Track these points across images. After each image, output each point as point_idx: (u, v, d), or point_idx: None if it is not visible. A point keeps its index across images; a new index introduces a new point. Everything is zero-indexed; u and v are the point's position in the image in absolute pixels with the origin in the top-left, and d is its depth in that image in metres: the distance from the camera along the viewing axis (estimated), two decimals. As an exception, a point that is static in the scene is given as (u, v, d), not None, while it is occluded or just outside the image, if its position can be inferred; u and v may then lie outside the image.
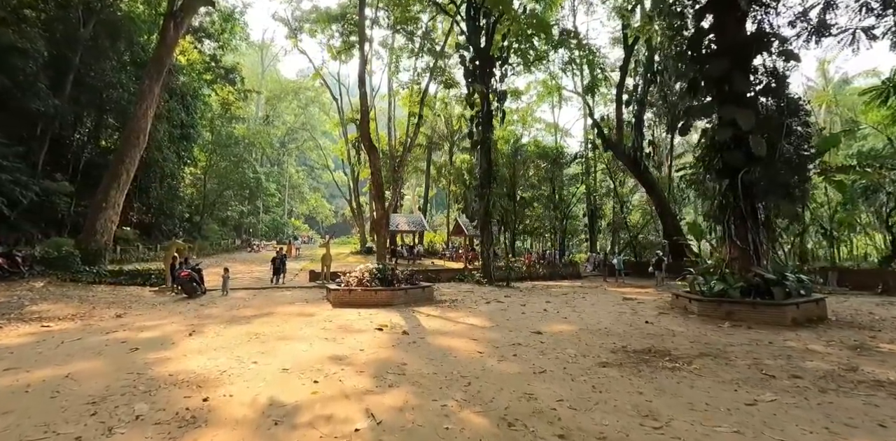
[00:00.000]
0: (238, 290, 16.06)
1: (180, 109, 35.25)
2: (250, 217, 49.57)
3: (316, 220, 70.42)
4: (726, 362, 6.88)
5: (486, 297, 15.47)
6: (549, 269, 25.67)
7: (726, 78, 13.51)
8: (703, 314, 11.91)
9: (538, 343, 8.15)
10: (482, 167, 21.36)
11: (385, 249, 14.73)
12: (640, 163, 26.79)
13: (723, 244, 13.45)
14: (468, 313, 11.50)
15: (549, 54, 27.57)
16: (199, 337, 8.34)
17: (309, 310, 11.75)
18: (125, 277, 17.76)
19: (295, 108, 57.59)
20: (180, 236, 17.12)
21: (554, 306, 13.22)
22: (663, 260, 24.30)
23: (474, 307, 12.66)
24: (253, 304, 12.82)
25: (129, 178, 19.75)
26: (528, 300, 14.58)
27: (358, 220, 40.19)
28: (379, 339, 8.19)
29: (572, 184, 34.32)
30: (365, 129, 14.89)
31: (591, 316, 11.55)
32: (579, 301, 14.66)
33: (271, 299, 14.01)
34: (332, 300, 12.53)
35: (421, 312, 11.51)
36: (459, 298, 14.69)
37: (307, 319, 10.29)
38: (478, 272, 21.05)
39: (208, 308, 12.26)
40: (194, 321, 10.11)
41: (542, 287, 20.33)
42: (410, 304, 12.77)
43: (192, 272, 14.37)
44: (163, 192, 36.46)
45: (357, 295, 12.45)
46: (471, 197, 27.28)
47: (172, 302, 13.55)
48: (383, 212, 14.48)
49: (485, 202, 20.87)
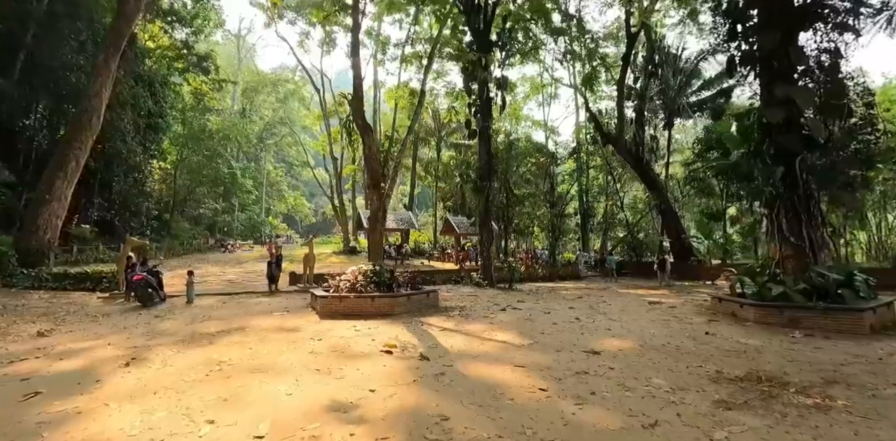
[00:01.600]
0: (206, 297, 13.46)
1: (147, 97, 32.01)
2: (225, 215, 46.21)
3: (295, 220, 67.07)
4: (870, 392, 5.01)
5: (495, 302, 13.27)
6: (547, 269, 23.65)
7: (777, 52, 11.66)
8: (762, 321, 10.02)
9: (606, 369, 5.99)
10: (482, 159, 19.18)
11: (380, 248, 12.33)
12: (642, 158, 25.05)
13: (773, 241, 11.56)
14: (489, 325, 9.26)
15: (545, 43, 25.61)
16: (139, 369, 5.88)
17: (291, 322, 9.31)
18: (71, 282, 14.94)
19: (273, 103, 54.34)
20: (137, 233, 14.27)
21: (582, 313, 11.09)
22: (666, 259, 22.58)
23: (491, 316, 10.43)
24: (221, 315, 10.30)
25: (78, 166, 16.87)
26: (547, 306, 12.42)
27: (341, 218, 37.50)
28: (391, 369, 5.88)
29: (565, 181, 32.46)
30: (358, 106, 12.49)
31: (634, 325, 9.48)
32: (605, 306, 12.59)
33: (245, 308, 11.50)
34: (320, 309, 10.12)
35: (431, 324, 9.21)
36: (467, 305, 12.45)
37: (289, 337, 7.87)
38: (476, 273, 18.84)
39: (164, 320, 9.71)
40: (140, 341, 7.59)
41: (547, 289, 18.26)
42: (414, 314, 10.46)
43: (147, 275, 11.74)
44: (127, 186, 33.13)
45: (350, 303, 10.08)
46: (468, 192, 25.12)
47: (121, 312, 10.92)
48: (379, 203, 12.11)
49: (485, 197, 18.69)
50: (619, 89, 25.28)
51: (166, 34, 37.13)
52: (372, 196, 12.07)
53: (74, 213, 28.79)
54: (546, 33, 24.77)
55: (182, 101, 39.45)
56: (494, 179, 18.74)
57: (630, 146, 25.21)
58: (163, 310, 11.22)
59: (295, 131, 51.37)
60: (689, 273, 24.01)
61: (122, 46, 18.43)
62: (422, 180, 40.97)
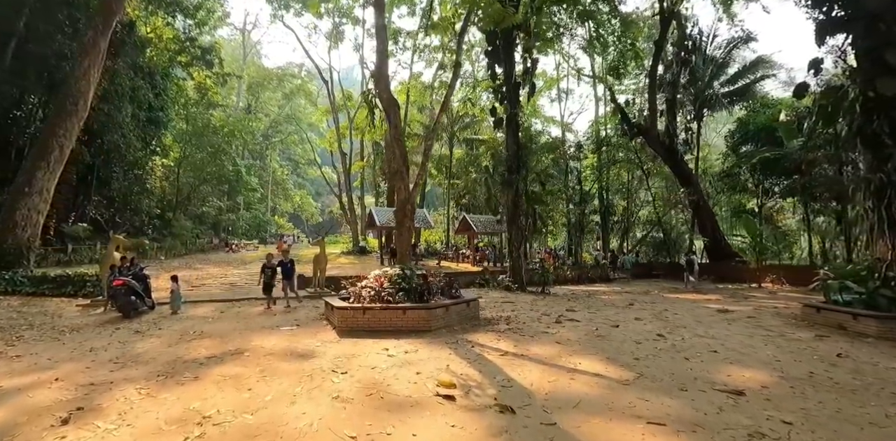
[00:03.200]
0: (202, 305, 11.37)
1: (147, 88, 30.00)
2: (229, 214, 44.12)
3: (300, 219, 64.97)
4: None
5: (541, 310, 11.14)
6: (575, 271, 21.50)
7: (885, 14, 9.51)
8: (888, 337, 7.90)
9: (780, 424, 3.89)
10: (510, 149, 17.05)
11: (409, 248, 10.15)
12: (676, 151, 22.87)
13: (883, 239, 9.39)
14: (556, 345, 7.13)
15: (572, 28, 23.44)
16: (79, 431, 3.78)
17: (303, 342, 7.19)
18: (50, 286, 12.90)
19: (279, 99, 52.22)
20: (123, 230, 12.26)
21: (657, 327, 8.97)
22: (693, 260, 20.51)
23: (550, 332, 8.29)
24: (216, 330, 8.20)
25: (63, 155, 14.82)
26: (606, 316, 10.27)
27: (350, 216, 35.38)
28: (466, 434, 3.75)
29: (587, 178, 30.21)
30: (382, 78, 10.32)
31: (735, 344, 7.42)
32: (675, 317, 10.44)
33: (245, 320, 9.39)
34: (339, 324, 7.99)
35: (483, 345, 7.08)
36: (510, 314, 10.32)
37: (302, 368, 5.75)
38: (504, 276, 16.71)
39: (144, 338, 7.61)
40: (102, 374, 5.51)
41: (584, 294, 16.13)
42: (455, 329, 8.34)
43: (129, 281, 9.65)
44: (127, 183, 31.13)
45: (376, 316, 7.95)
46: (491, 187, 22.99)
47: (96, 326, 8.83)
48: (408, 194, 9.92)
49: (513, 191, 16.55)
50: (651, 77, 23.10)
51: (168, 26, 35.16)
52: (398, 185, 9.89)
53: (71, 210, 26.89)
54: (572, 18, 22.64)
55: (185, 96, 37.41)
56: (524, 171, 16.56)
57: (662, 138, 23.03)
58: (147, 322, 9.13)
59: (301, 128, 49.25)
60: (731, 275, 21.82)
61: (113, 25, 16.42)
62: (432, 178, 38.78)
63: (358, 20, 38.50)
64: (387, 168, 32.00)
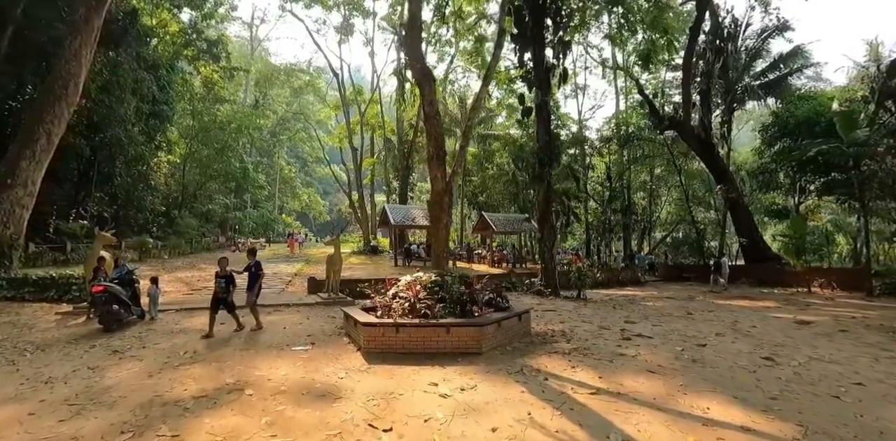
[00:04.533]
0: (200, 313, 9.69)
1: (151, 81, 28.42)
2: (236, 212, 42.56)
3: (308, 218, 63.35)
4: None
5: (591, 321, 9.41)
6: (605, 273, 19.73)
7: None
8: None
9: None
10: (540, 140, 15.30)
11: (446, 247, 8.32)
12: (712, 145, 21.04)
13: None
14: (659, 379, 5.37)
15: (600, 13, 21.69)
16: None
17: (322, 373, 5.46)
18: (31, 289, 11.30)
19: (287, 96, 50.61)
20: (110, 228, 10.53)
21: (750, 345, 7.25)
22: (723, 262, 18.84)
23: (628, 354, 6.54)
24: (210, 351, 6.50)
25: (50, 144, 13.21)
26: (675, 330, 8.50)
27: (360, 214, 33.71)
28: None
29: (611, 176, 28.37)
30: (415, 44, 8.56)
31: (875, 372, 5.66)
32: (756, 331, 8.66)
33: (246, 336, 7.70)
34: (365, 344, 6.28)
35: (561, 379, 5.33)
36: (563, 328, 8.58)
37: (326, 419, 4.03)
38: (536, 279, 14.97)
39: (121, 362, 5.93)
40: (46, 425, 3.84)
41: (623, 299, 14.39)
42: (508, 349, 6.62)
43: (111, 286, 7.98)
44: (130, 179, 29.58)
45: (412, 335, 6.23)
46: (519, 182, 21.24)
47: (68, 342, 7.16)
48: (444, 184, 8.13)
49: (545, 186, 14.79)
50: (686, 66, 21.25)
51: (174, 18, 33.65)
52: (434, 174, 8.09)
53: (72, 207, 25.39)
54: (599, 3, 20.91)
55: (191, 90, 35.87)
56: (556, 165, 14.80)
57: (697, 131, 21.20)
58: (130, 337, 7.45)
59: (310, 124, 47.63)
60: (771, 278, 19.96)
61: (108, 1, 14.80)
62: (445, 175, 37.03)
63: (368, 13, 36.95)
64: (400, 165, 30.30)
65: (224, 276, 7.89)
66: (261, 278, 8.51)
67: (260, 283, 8.52)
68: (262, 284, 8.55)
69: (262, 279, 8.58)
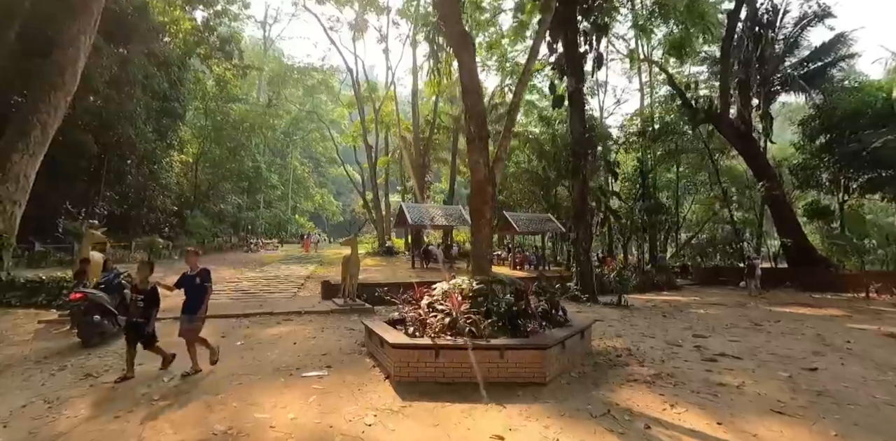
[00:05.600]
0: (199, 321, 8.39)
1: (161, 77, 27.47)
2: (249, 212, 41.60)
3: (321, 218, 62.27)
4: None
5: (652, 334, 7.91)
6: (640, 276, 18.12)
7: None
8: None
9: None
10: (574, 131, 13.83)
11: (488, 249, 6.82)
12: (753, 139, 19.35)
13: None
14: (794, 423, 3.90)
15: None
16: None
17: (342, 414, 4.07)
18: (18, 293, 10.14)
19: (300, 96, 49.62)
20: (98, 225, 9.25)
21: (871, 370, 5.70)
22: (756, 264, 17.28)
23: (733, 384, 5.05)
24: (201, 380, 5.15)
25: (45, 136, 12.09)
26: (764, 347, 6.94)
27: (376, 214, 32.41)
28: None
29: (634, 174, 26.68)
30: (451, 2, 7.15)
31: None
32: (855, 347, 7.10)
33: (254, 353, 6.35)
34: (397, 372, 4.86)
35: (667, 426, 3.88)
36: (626, 344, 7.11)
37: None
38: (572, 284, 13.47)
39: (87, 394, 4.60)
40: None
41: (667, 305, 12.84)
42: (573, 376, 5.18)
43: (92, 293, 6.70)
44: (141, 178, 28.70)
45: (457, 360, 4.80)
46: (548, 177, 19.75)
47: (37, 361, 5.88)
48: (487, 171, 6.61)
49: (581, 180, 13.32)
50: (724, 53, 19.58)
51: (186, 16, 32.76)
52: (476, 157, 6.47)
53: (82, 206, 24.51)
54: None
55: (203, 89, 34.97)
56: (592, 157, 13.33)
57: (737, 124, 19.52)
58: (111, 354, 6.14)
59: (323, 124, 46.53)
60: (819, 283, 18.17)
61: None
62: (460, 174, 35.55)
63: (382, 9, 35.79)
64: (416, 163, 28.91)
65: (142, 292, 5.18)
66: (208, 295, 5.40)
67: (206, 305, 5.39)
68: (210, 301, 5.46)
69: (209, 295, 5.43)
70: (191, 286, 5.33)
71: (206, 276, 5.44)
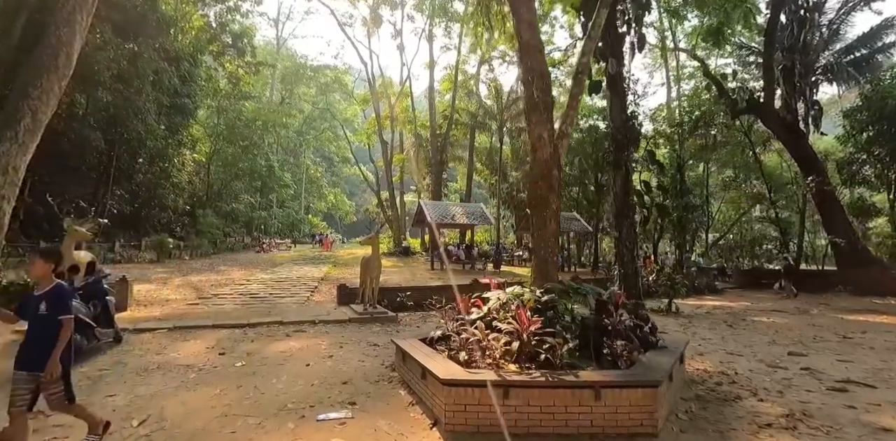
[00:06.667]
0: (198, 332, 7.11)
1: (172, 73, 26.51)
2: (261, 211, 40.63)
3: (334, 218, 61.24)
4: None
5: (729, 349, 6.42)
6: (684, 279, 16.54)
7: None
8: None
9: None
10: (615, 120, 12.37)
11: (554, 251, 5.35)
12: (800, 130, 17.67)
13: None
14: None
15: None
16: None
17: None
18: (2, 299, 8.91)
19: (314, 95, 48.65)
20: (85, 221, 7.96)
21: None
22: (792, 266, 15.87)
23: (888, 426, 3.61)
24: (185, 422, 3.83)
25: (37, 124, 10.94)
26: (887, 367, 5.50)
27: (391, 212, 31.12)
28: None
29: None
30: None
31: None
32: None
33: (257, 380, 5.01)
34: (450, 418, 3.49)
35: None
36: (722, 369, 5.65)
37: None
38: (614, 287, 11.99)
39: (39, 435, 3.30)
40: None
41: (721, 311, 11.33)
42: (683, 421, 3.76)
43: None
44: (152, 177, 27.81)
45: (532, 401, 3.41)
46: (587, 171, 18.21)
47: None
48: (552, 149, 5.15)
49: (622, 175, 11.85)
50: (768, 38, 17.92)
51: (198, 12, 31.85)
52: (539, 131, 4.75)
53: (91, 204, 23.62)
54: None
55: (216, 86, 34.03)
56: (636, 148, 11.86)
57: (782, 115, 17.85)
58: (84, 379, 4.87)
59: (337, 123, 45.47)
60: (878, 286, 16.42)
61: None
62: (478, 174, 34.11)
63: (397, 3, 34.63)
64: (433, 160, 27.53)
65: None
66: (63, 336, 2.92)
67: (61, 353, 2.93)
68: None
69: (66, 337, 2.94)
70: (33, 317, 2.92)
71: (61, 302, 2.96)
